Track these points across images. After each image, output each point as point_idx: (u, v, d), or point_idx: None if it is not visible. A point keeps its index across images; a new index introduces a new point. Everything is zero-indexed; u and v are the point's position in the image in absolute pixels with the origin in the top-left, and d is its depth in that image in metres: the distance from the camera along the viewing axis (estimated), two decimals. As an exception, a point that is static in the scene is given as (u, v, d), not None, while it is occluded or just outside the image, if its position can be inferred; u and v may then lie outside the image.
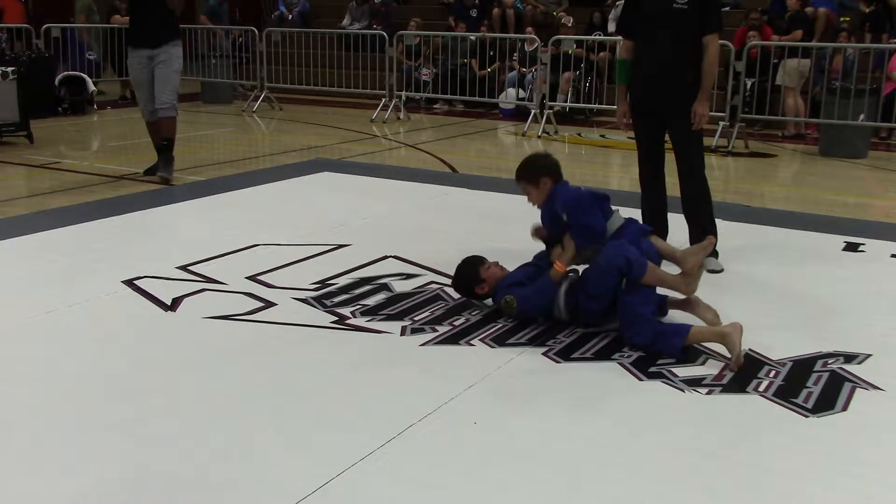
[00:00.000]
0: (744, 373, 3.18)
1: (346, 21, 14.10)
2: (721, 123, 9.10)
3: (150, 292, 3.94)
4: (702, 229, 4.38)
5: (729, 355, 3.24)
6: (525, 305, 3.56)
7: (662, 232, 4.40)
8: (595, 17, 12.17)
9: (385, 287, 4.08)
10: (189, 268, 4.31)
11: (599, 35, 11.37)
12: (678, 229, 4.58)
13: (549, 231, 3.76)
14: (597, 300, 3.48)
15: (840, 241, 5.05)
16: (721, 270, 4.37)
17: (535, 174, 3.75)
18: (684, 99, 4.43)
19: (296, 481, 2.39)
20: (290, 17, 14.72)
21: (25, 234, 4.93)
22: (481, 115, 11.59)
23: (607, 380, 3.14)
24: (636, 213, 4.37)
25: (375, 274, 4.27)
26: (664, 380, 3.12)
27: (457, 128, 10.41)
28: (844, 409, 2.92)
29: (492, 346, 3.40)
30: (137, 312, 3.72)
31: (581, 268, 3.67)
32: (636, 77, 4.57)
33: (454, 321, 3.65)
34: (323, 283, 4.12)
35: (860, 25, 10.99)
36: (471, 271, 3.80)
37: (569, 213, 3.59)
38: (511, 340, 3.45)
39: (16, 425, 2.72)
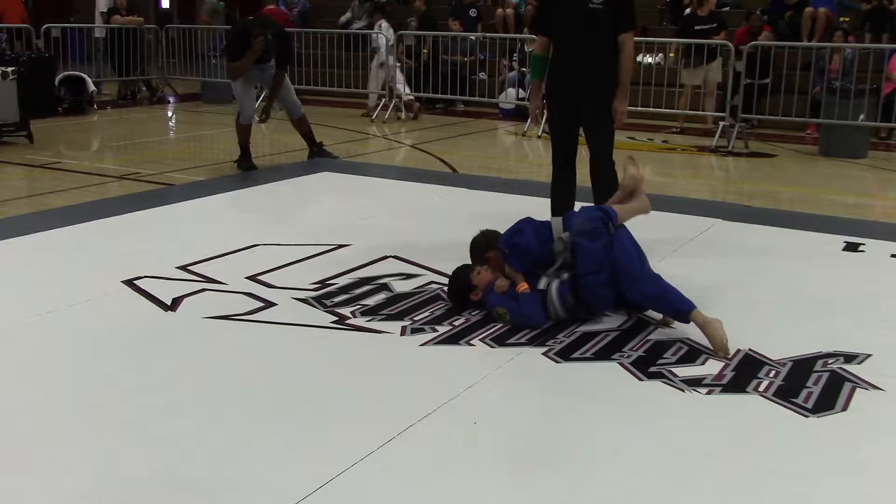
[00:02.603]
0: (744, 373, 3.18)
1: (345, 17, 14.06)
2: (721, 123, 9.10)
3: (150, 292, 3.94)
4: None
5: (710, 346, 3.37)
6: (517, 319, 3.58)
7: None
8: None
9: (385, 287, 4.08)
10: (189, 268, 4.31)
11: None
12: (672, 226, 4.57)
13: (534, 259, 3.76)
14: (599, 273, 3.53)
15: (840, 241, 5.05)
16: None
17: (480, 253, 3.81)
18: (600, 96, 4.52)
19: (296, 481, 2.39)
20: (291, 17, 14.71)
21: (25, 234, 4.93)
22: (481, 115, 11.59)
23: (607, 380, 3.13)
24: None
25: (375, 274, 4.27)
26: (664, 380, 3.12)
27: (457, 128, 10.41)
28: (844, 409, 2.92)
29: (492, 346, 3.40)
30: (137, 312, 3.72)
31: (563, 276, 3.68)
32: (552, 73, 4.66)
33: (454, 321, 3.65)
34: (323, 283, 4.12)
35: (860, 25, 10.99)
36: (461, 281, 3.79)
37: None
38: (511, 340, 3.45)
39: (16, 425, 2.72)
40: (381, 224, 5.33)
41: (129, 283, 4.06)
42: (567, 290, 3.57)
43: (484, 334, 3.51)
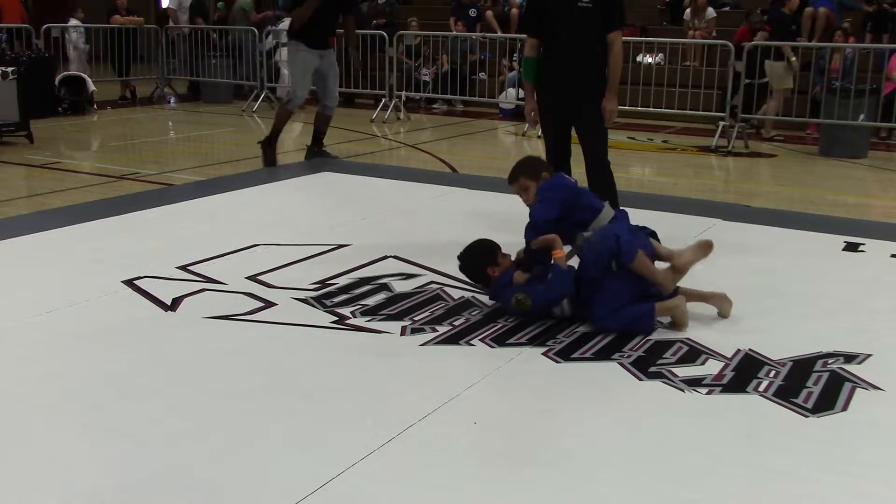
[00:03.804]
0: (744, 373, 3.18)
1: None
2: (721, 123, 9.10)
3: (150, 292, 3.94)
4: None
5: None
6: (540, 301, 3.57)
7: None
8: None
9: (385, 287, 4.08)
10: (189, 268, 4.31)
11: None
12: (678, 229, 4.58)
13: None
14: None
15: (840, 241, 5.05)
16: None
17: (536, 171, 3.83)
18: (591, 95, 4.54)
19: (296, 481, 2.39)
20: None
21: (25, 234, 4.93)
22: (481, 115, 11.59)
23: (607, 380, 3.13)
24: (635, 213, 4.37)
25: (375, 274, 4.27)
26: (664, 380, 3.12)
27: (457, 128, 10.42)
28: (844, 409, 2.92)
29: (492, 346, 3.40)
30: (137, 312, 3.72)
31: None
32: (543, 75, 4.67)
33: (454, 321, 3.65)
34: (323, 283, 4.12)
35: (861, 25, 10.99)
36: (488, 252, 3.77)
37: (536, 202, 3.72)
38: (511, 340, 3.45)
39: (16, 425, 2.72)
40: (381, 224, 5.33)
41: (129, 283, 4.06)
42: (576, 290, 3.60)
43: (484, 334, 3.51)
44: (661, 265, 3.66)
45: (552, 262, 3.58)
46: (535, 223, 3.68)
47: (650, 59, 11.39)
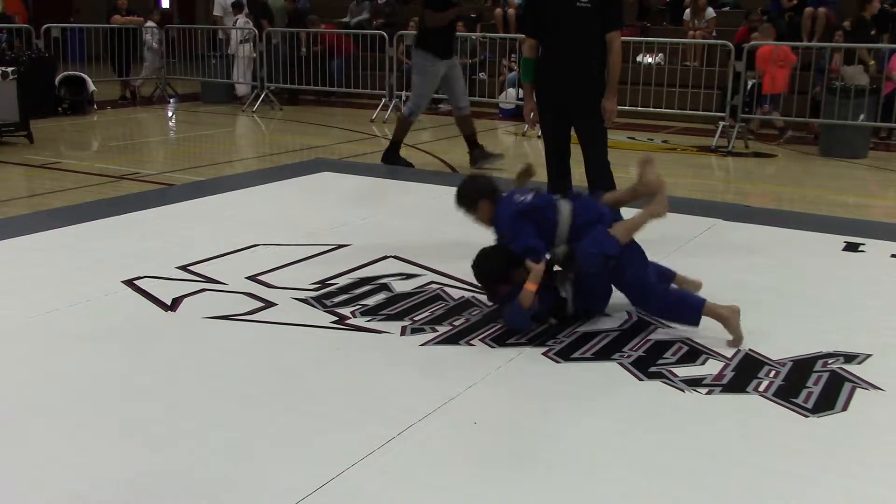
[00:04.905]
0: (744, 373, 3.18)
1: (348, 18, 14.12)
2: (721, 123, 9.10)
3: (150, 292, 3.94)
4: None
5: (729, 336, 3.43)
6: (505, 319, 3.55)
7: None
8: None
9: (385, 287, 4.08)
10: (189, 268, 4.31)
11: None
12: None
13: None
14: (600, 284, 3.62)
15: (840, 241, 5.05)
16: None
17: (473, 200, 3.68)
18: (590, 95, 4.54)
19: (296, 481, 2.39)
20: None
21: (25, 234, 4.93)
22: (481, 116, 11.58)
23: (607, 380, 3.14)
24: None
25: (375, 274, 4.27)
26: (664, 380, 3.12)
27: (457, 128, 10.40)
28: (844, 409, 2.92)
29: (492, 346, 3.40)
30: (137, 312, 3.72)
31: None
32: (542, 75, 4.67)
33: (454, 321, 3.65)
34: (323, 283, 4.12)
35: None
36: (503, 265, 3.56)
37: (507, 239, 3.59)
38: (511, 340, 3.45)
39: (16, 425, 2.72)
40: (381, 224, 5.33)
41: (129, 283, 4.06)
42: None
43: (484, 334, 3.51)
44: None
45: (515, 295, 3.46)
46: (534, 251, 3.49)
47: (650, 59, 11.39)
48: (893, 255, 4.80)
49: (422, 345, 3.40)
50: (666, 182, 3.72)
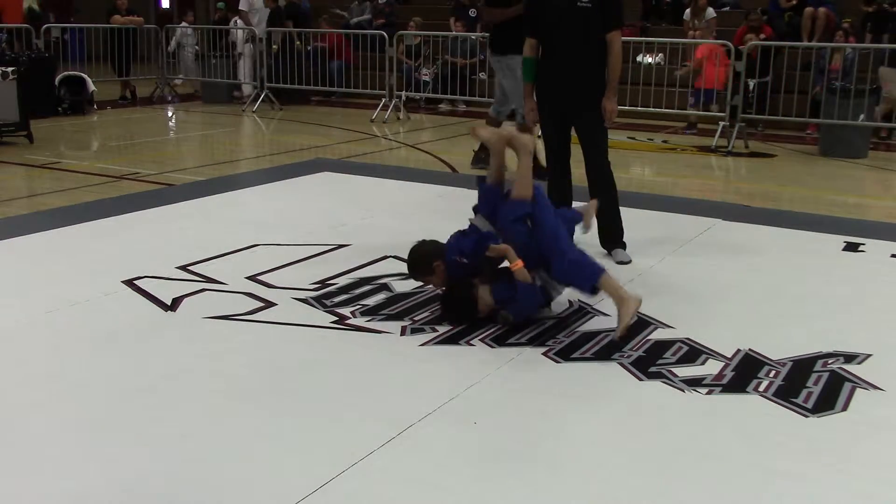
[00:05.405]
0: (744, 373, 3.18)
1: (357, 18, 14.13)
2: (721, 123, 9.10)
3: (150, 292, 3.94)
4: (609, 218, 4.57)
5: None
6: (520, 318, 3.58)
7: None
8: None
9: (385, 287, 4.08)
10: (189, 268, 4.31)
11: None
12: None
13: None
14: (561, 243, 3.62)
15: (840, 241, 5.05)
16: (629, 262, 4.50)
17: (428, 264, 3.76)
18: (590, 95, 4.54)
19: (296, 481, 2.39)
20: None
21: (25, 234, 4.93)
22: (481, 116, 11.58)
23: (607, 380, 3.13)
24: (635, 213, 4.37)
25: (375, 274, 4.27)
26: (664, 380, 3.12)
27: (457, 128, 10.41)
28: (844, 409, 2.92)
29: (492, 346, 3.40)
30: (137, 312, 3.72)
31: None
32: (542, 75, 4.67)
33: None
34: (323, 283, 4.12)
35: (862, 26, 10.98)
36: (465, 302, 3.63)
37: (464, 264, 3.69)
38: (511, 340, 3.45)
39: (16, 425, 2.72)
40: (381, 224, 5.33)
41: (129, 283, 4.06)
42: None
43: (484, 334, 3.51)
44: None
45: (514, 278, 3.52)
46: (479, 241, 3.69)
47: (650, 59, 11.38)
48: (893, 255, 4.80)
49: (422, 345, 3.40)
50: (504, 131, 3.85)
